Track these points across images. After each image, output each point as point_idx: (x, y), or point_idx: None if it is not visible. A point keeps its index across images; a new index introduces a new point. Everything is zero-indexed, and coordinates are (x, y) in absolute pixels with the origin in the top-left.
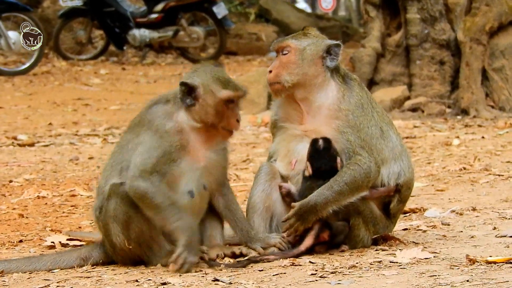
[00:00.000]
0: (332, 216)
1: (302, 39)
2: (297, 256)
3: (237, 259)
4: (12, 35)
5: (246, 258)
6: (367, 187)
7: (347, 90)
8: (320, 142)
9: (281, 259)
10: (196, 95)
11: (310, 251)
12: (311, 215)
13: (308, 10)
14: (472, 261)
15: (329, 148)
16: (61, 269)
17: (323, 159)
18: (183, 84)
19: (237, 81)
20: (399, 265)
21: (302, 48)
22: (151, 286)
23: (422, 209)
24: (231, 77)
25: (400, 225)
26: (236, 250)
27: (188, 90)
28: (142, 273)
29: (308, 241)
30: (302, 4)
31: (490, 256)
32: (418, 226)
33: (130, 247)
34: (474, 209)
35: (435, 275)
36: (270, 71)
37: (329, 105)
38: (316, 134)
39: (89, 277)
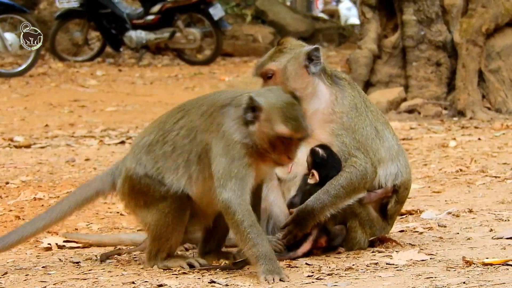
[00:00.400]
0: (329, 220)
1: (280, 57)
2: (294, 259)
3: (234, 261)
4: (9, 36)
5: (241, 260)
6: (364, 188)
7: (339, 92)
8: (321, 151)
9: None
10: (257, 116)
11: (307, 254)
12: (309, 220)
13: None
14: (469, 263)
15: (332, 153)
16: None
17: (330, 166)
18: (250, 98)
19: (304, 122)
20: (396, 267)
21: (283, 67)
22: (147, 287)
23: (418, 211)
24: (301, 114)
25: (396, 227)
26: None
27: (253, 107)
28: (138, 275)
29: (305, 247)
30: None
31: (487, 258)
32: (414, 228)
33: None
34: (470, 211)
35: (432, 277)
36: None
37: (323, 109)
38: (312, 138)
39: (85, 279)
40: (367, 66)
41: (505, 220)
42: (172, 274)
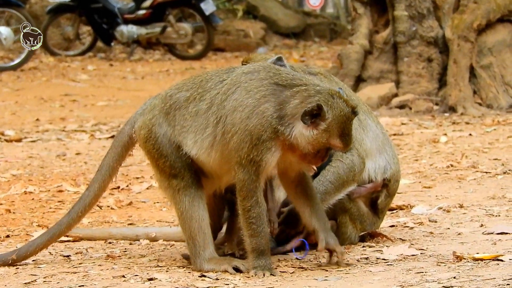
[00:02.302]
0: None
1: None
2: (284, 253)
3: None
4: (4, 30)
5: (229, 253)
6: (354, 181)
7: None
8: None
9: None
10: (316, 123)
11: (297, 249)
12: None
13: None
14: (459, 258)
15: None
16: None
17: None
18: (319, 106)
19: (352, 136)
20: (386, 262)
21: None
22: (137, 281)
23: (409, 206)
24: (352, 129)
25: (387, 221)
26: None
27: (316, 114)
28: (128, 268)
29: (296, 243)
30: None
31: (477, 253)
32: (405, 223)
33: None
34: (461, 206)
35: (422, 272)
36: None
37: None
38: None
39: (75, 273)
40: (358, 62)
41: (496, 216)
42: (162, 268)
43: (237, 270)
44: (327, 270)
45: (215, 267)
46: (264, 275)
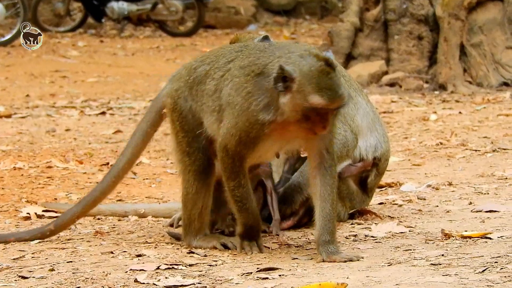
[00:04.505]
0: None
1: None
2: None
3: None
4: None
5: (218, 231)
6: (348, 156)
7: None
8: None
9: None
10: (288, 86)
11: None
12: (296, 195)
13: None
14: (448, 236)
15: None
16: None
17: None
18: (281, 68)
19: (339, 90)
20: (374, 239)
21: None
22: (126, 257)
23: (398, 183)
24: (336, 81)
25: (376, 199)
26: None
27: (283, 77)
28: (117, 244)
29: (289, 222)
30: None
31: (466, 231)
32: (394, 201)
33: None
34: (450, 184)
35: (410, 249)
36: None
37: None
38: None
39: (64, 249)
40: (348, 39)
41: (485, 194)
42: (151, 244)
43: (225, 246)
44: (314, 248)
45: (204, 243)
46: (251, 251)
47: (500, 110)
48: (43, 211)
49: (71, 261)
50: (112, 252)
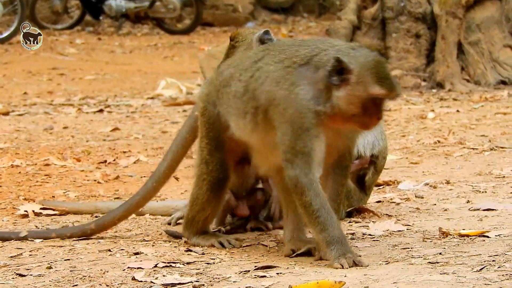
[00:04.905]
0: None
1: (236, 52)
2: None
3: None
4: None
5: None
6: None
7: None
8: None
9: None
10: (345, 79)
11: None
12: None
13: None
14: (445, 234)
15: None
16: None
17: None
18: (337, 60)
19: (394, 79)
20: (372, 237)
21: None
22: (123, 255)
23: (396, 181)
24: (390, 73)
25: (373, 197)
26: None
27: (340, 69)
28: (114, 242)
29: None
30: None
31: (463, 229)
32: (391, 199)
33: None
34: (447, 182)
35: (408, 248)
36: None
37: None
38: None
39: (61, 246)
40: (346, 37)
41: (482, 192)
42: (148, 242)
43: (222, 245)
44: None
45: (202, 241)
46: (348, 264)
47: (497, 108)
48: (41, 208)
49: (68, 259)
50: (109, 250)
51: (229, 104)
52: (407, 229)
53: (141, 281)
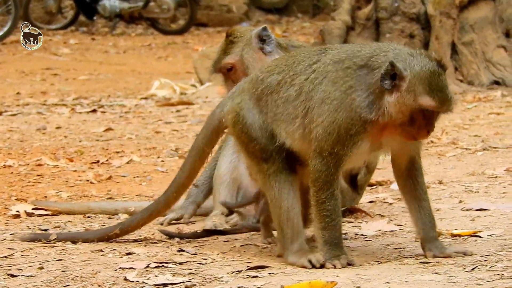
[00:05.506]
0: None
1: (234, 47)
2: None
3: (197, 230)
4: None
5: (206, 229)
6: None
7: None
8: None
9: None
10: (397, 85)
11: None
12: None
13: None
14: (438, 234)
15: None
16: None
17: None
18: (391, 64)
19: (450, 93)
20: (365, 237)
21: (240, 57)
22: (116, 255)
23: (388, 181)
24: (446, 84)
25: (366, 197)
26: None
27: (393, 74)
28: (107, 243)
29: None
30: None
31: (456, 229)
32: (384, 199)
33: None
34: (440, 182)
35: (400, 248)
36: None
37: None
38: None
39: (53, 247)
40: (340, 38)
41: (475, 192)
42: (140, 242)
43: (311, 262)
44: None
45: (295, 260)
46: (340, 265)
47: (491, 108)
48: (33, 209)
49: (60, 259)
50: (101, 250)
51: (276, 112)
52: (399, 229)
53: (133, 281)
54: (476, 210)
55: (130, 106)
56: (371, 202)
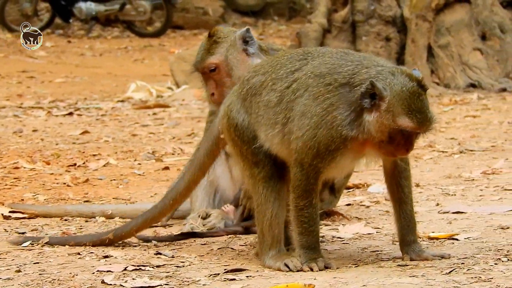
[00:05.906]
0: None
1: (218, 48)
2: (247, 229)
3: (175, 233)
4: None
5: (184, 232)
6: None
7: None
8: None
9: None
10: (376, 104)
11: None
12: None
13: None
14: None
15: None
16: None
17: None
18: (372, 84)
19: (429, 113)
20: (342, 240)
21: (224, 58)
22: (93, 259)
23: (365, 184)
24: (426, 104)
25: (343, 200)
26: None
27: (372, 93)
28: (84, 246)
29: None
30: None
31: (433, 232)
32: (361, 202)
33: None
34: (417, 185)
35: (377, 251)
36: (213, 94)
37: None
38: None
39: (30, 250)
40: (317, 40)
41: (452, 195)
42: (118, 245)
43: (288, 267)
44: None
45: (272, 263)
46: (318, 267)
47: (467, 111)
48: (10, 212)
49: (37, 262)
50: (79, 253)
51: (258, 114)
52: (376, 232)
53: (111, 284)
54: (453, 213)
55: (106, 109)
56: (348, 205)
